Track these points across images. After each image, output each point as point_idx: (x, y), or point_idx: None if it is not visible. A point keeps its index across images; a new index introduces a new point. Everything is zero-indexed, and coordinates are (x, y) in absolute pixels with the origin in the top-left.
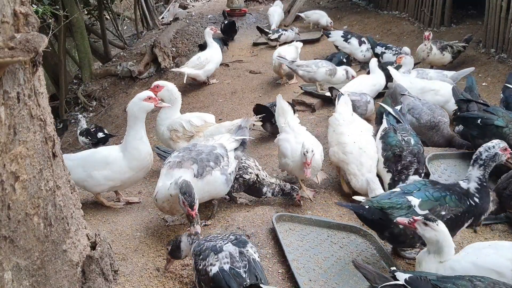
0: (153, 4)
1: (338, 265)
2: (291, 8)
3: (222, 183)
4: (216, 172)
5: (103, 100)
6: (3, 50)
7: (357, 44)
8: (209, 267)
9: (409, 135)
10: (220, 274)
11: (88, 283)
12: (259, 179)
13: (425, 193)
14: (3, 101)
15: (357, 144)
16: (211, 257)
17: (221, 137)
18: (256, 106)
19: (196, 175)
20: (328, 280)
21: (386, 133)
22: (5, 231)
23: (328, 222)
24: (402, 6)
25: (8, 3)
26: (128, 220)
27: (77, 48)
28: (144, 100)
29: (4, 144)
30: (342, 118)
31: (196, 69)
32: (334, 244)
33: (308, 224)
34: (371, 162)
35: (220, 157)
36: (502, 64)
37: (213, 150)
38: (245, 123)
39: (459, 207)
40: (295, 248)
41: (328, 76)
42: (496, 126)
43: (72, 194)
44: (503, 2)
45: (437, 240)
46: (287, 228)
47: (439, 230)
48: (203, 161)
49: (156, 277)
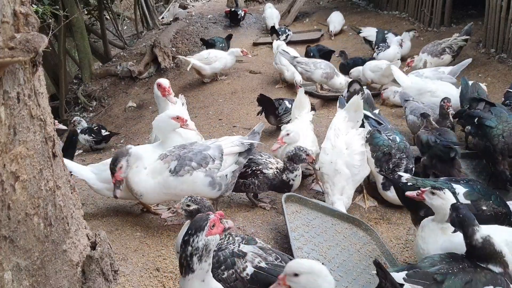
0: (153, 4)
1: (342, 255)
2: (291, 8)
3: (203, 184)
4: (198, 173)
5: (103, 100)
6: (3, 50)
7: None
8: (242, 273)
9: (393, 134)
10: (260, 272)
11: (88, 283)
12: (278, 171)
13: (473, 186)
14: (3, 101)
15: (332, 165)
16: (238, 263)
17: (225, 139)
18: (260, 96)
19: (172, 171)
20: (332, 271)
21: (371, 135)
22: (5, 231)
23: (333, 211)
24: (402, 6)
25: (8, 3)
26: (128, 220)
27: (77, 48)
28: (172, 119)
29: (4, 144)
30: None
31: (203, 63)
32: (338, 234)
33: (314, 209)
34: (345, 183)
35: (209, 159)
36: (502, 64)
37: (204, 150)
38: (259, 128)
39: (503, 208)
40: (300, 234)
41: (324, 79)
42: (486, 126)
43: (72, 194)
44: (503, 2)
45: (444, 209)
46: (294, 210)
47: (445, 198)
48: (184, 159)
49: (156, 277)
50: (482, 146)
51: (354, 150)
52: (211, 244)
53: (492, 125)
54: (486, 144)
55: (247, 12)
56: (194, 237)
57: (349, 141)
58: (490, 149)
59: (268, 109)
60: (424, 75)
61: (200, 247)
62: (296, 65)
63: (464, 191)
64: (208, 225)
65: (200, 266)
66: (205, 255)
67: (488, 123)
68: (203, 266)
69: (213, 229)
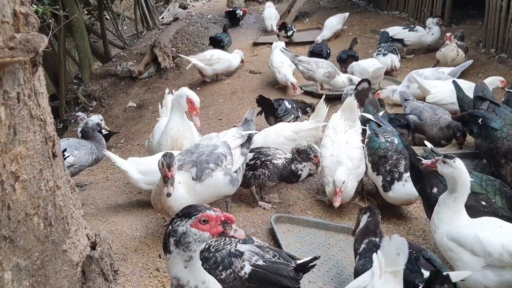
0: (153, 4)
1: (336, 268)
2: (291, 8)
3: (225, 183)
4: (218, 173)
5: (103, 100)
6: (3, 50)
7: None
8: (240, 272)
9: (392, 136)
10: (258, 270)
11: (88, 283)
12: (287, 160)
13: (481, 179)
14: (3, 101)
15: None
16: (236, 262)
17: (226, 134)
18: (260, 97)
19: (194, 178)
20: (327, 282)
21: (369, 139)
22: (5, 231)
23: (326, 224)
24: (402, 6)
25: (8, 3)
26: (128, 220)
27: (77, 48)
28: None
29: (4, 144)
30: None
31: (204, 64)
32: (333, 247)
33: (307, 226)
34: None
35: (222, 157)
36: (502, 64)
37: (214, 150)
38: (251, 116)
39: (505, 211)
40: (293, 250)
41: (326, 78)
42: (491, 127)
43: (72, 194)
44: (503, 2)
45: (453, 177)
46: (285, 230)
47: (455, 167)
48: (202, 163)
49: (156, 277)
50: (485, 148)
51: (353, 145)
52: (191, 236)
53: (497, 127)
54: (489, 146)
55: (247, 12)
56: (178, 220)
57: (348, 137)
58: (493, 151)
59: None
60: (423, 75)
61: (178, 232)
62: (297, 64)
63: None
64: (197, 216)
65: (178, 251)
66: (183, 244)
67: (492, 125)
68: (181, 253)
69: (202, 224)
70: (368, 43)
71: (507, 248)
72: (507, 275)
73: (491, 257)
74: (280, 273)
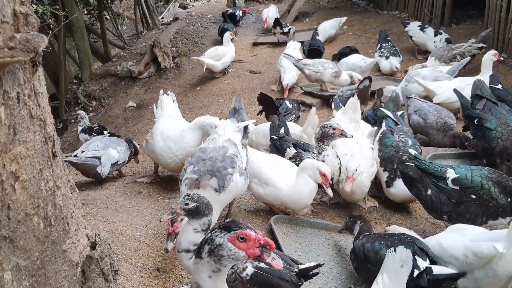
0: (153, 4)
1: (336, 268)
2: (291, 8)
3: (243, 183)
4: (236, 175)
5: (103, 100)
6: (3, 50)
7: (433, 34)
8: (242, 273)
9: (406, 136)
10: (260, 272)
11: (88, 283)
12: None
13: (468, 173)
14: (3, 101)
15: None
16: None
17: (225, 131)
18: (261, 95)
19: (217, 189)
20: (327, 282)
21: (384, 134)
22: (5, 231)
23: (326, 224)
24: (402, 6)
25: (8, 3)
26: (128, 220)
27: (77, 48)
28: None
29: (4, 144)
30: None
31: (215, 60)
32: (332, 247)
33: (306, 226)
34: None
35: (235, 158)
36: (502, 64)
37: (226, 152)
38: (239, 104)
39: (494, 200)
40: (293, 250)
41: (333, 78)
42: (486, 127)
43: (72, 194)
44: (503, 2)
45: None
46: (285, 230)
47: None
48: (220, 171)
49: (156, 277)
50: (480, 148)
51: (364, 146)
52: (225, 250)
53: (491, 127)
54: (484, 146)
55: (247, 12)
56: (218, 230)
57: (358, 140)
58: (488, 151)
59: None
60: (421, 75)
61: (215, 242)
62: (303, 68)
63: (454, 177)
64: (236, 232)
65: (208, 260)
66: (216, 255)
67: (487, 125)
68: (211, 263)
69: (240, 242)
70: (368, 43)
71: (471, 248)
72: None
73: (458, 261)
74: (282, 277)
